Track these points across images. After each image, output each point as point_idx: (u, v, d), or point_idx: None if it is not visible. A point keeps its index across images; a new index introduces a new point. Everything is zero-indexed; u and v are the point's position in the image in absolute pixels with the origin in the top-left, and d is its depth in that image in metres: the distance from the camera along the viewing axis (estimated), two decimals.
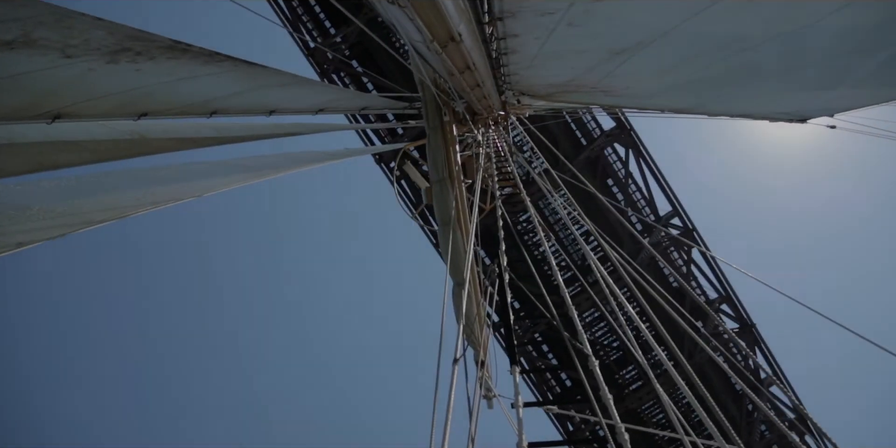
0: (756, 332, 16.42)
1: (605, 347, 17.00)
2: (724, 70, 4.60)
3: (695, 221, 16.43)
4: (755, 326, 16.44)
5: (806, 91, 5.05)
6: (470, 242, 9.44)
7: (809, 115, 5.64)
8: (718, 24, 3.73)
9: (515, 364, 6.72)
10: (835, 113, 5.63)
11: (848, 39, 3.81)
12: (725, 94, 5.38)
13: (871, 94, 4.98)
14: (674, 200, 16.05)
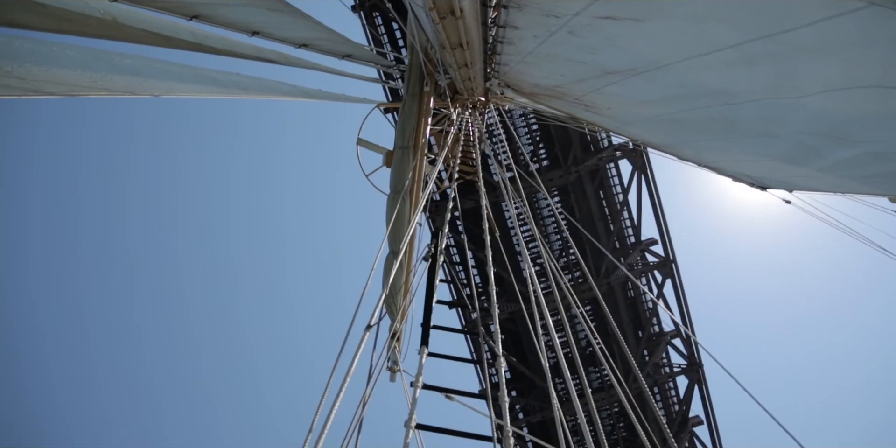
0: (700, 373, 16.49)
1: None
2: (704, 118, 4.58)
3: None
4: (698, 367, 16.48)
5: (773, 161, 5.08)
6: (416, 214, 9.38)
7: (770, 184, 5.69)
8: (711, 73, 3.69)
9: (425, 345, 6.70)
10: (794, 189, 5.70)
11: (826, 124, 3.81)
12: (699, 141, 5.38)
13: (835, 182, 5.04)
14: (664, 230, 15.93)
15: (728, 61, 3.41)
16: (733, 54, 3.31)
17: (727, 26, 3.07)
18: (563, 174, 15.11)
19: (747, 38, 3.06)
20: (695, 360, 16.48)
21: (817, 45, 2.84)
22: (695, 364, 16.45)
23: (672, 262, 16.13)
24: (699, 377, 16.50)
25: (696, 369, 16.51)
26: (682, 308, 16.29)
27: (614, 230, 16.16)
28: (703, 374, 16.47)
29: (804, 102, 3.53)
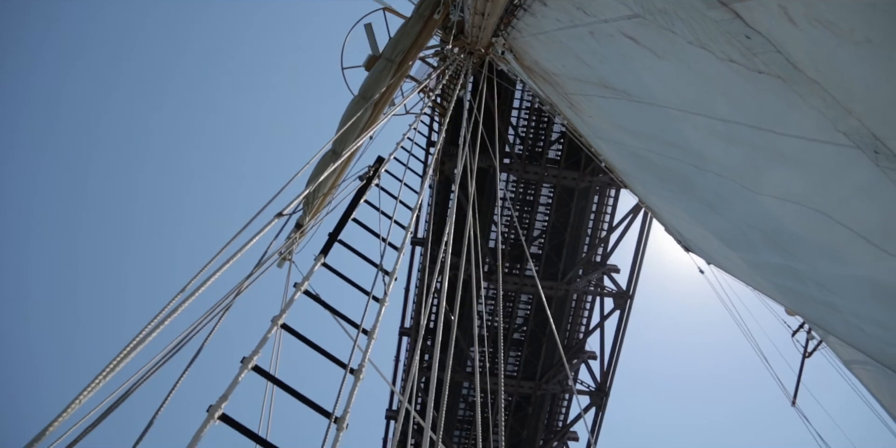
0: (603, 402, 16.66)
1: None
2: (666, 167, 4.51)
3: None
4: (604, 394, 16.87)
5: (707, 232, 5.09)
6: (371, 128, 9.12)
7: (694, 250, 5.74)
8: (693, 132, 3.59)
9: (323, 254, 6.62)
10: (712, 263, 5.76)
11: (770, 226, 3.80)
12: (652, 184, 5.33)
13: (752, 276, 5.11)
14: (637, 265, 15.63)
15: (713, 130, 3.31)
16: (721, 127, 3.21)
17: (729, 100, 2.95)
18: (559, 177, 14.77)
19: (740, 120, 2.96)
20: (604, 388, 16.61)
21: (794, 156, 2.77)
22: (602, 391, 16.53)
23: (630, 297, 16.13)
24: (601, 403, 16.56)
25: (600, 396, 16.53)
26: (616, 340, 16.32)
27: (588, 245, 15.99)
28: (604, 404, 16.56)
29: (759, 198, 3.49)
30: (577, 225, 15.87)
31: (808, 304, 4.58)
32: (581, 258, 15.94)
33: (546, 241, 15.87)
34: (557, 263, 15.97)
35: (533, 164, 14.77)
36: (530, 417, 17.05)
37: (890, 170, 2.24)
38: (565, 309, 16.43)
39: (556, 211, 15.50)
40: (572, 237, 15.87)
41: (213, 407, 3.76)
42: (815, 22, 2.05)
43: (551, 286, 15.67)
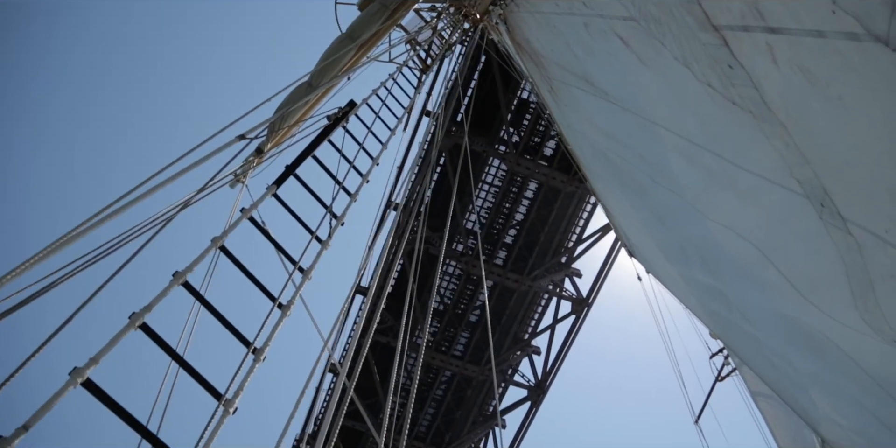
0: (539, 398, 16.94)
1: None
2: (626, 172, 4.52)
3: None
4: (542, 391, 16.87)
5: (652, 242, 5.15)
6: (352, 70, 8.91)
7: (637, 256, 5.80)
8: (656, 144, 3.58)
9: (276, 185, 6.51)
10: (651, 273, 5.84)
11: (709, 249, 3.84)
12: (610, 184, 5.34)
13: (685, 293, 5.19)
14: (603, 275, 15.53)
15: (677, 147, 3.30)
16: (685, 146, 3.20)
17: (698, 122, 2.93)
18: (549, 176, 14.54)
19: (704, 144, 2.95)
20: (543, 385, 16.67)
21: (746, 191, 2.78)
22: (541, 388, 16.59)
23: (588, 305, 16.13)
24: (537, 399, 16.68)
25: (538, 392, 16.60)
26: (565, 344, 16.34)
27: (556, 246, 15.90)
28: (540, 400, 16.68)
29: (705, 221, 3.52)
30: (554, 226, 15.86)
31: (731, 331, 4.69)
32: (550, 259, 15.93)
33: (521, 235, 15.85)
34: (528, 259, 15.98)
35: (525, 157, 14.64)
36: (467, 400, 17.21)
37: (831, 225, 2.26)
38: (524, 303, 16.52)
39: (537, 208, 15.45)
40: (547, 237, 15.88)
41: (136, 315, 3.70)
42: (795, 67, 2.03)
43: (516, 279, 15.72)
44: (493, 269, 15.54)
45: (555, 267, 15.90)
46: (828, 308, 2.71)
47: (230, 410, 3.91)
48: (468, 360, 16.52)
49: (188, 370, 4.02)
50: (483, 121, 15.03)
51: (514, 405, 17.01)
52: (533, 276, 15.83)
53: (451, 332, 16.67)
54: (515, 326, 16.70)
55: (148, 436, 3.42)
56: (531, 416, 16.68)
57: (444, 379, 16.95)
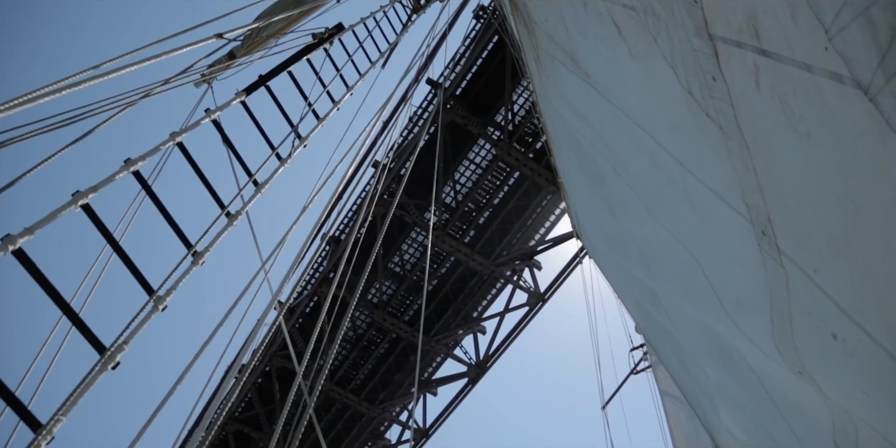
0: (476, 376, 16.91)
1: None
2: (587, 155, 4.51)
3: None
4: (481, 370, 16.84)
5: (600, 228, 5.19)
6: None
7: (583, 238, 5.86)
8: (623, 136, 3.56)
9: (245, 92, 6.35)
10: (592, 258, 5.91)
11: (646, 244, 3.89)
12: (570, 163, 5.34)
13: (618, 282, 5.27)
14: (565, 273, 15.51)
15: (644, 145, 3.29)
16: (652, 146, 3.19)
17: (669, 126, 2.92)
18: (536, 171, 14.33)
19: (670, 149, 2.94)
20: (484, 363, 16.73)
21: (698, 204, 2.79)
22: (482, 364, 16.66)
23: (543, 301, 16.01)
24: (474, 378, 16.75)
25: (478, 371, 16.69)
26: (513, 332, 16.34)
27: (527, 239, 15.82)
28: (478, 379, 16.75)
29: (652, 223, 3.55)
30: (529, 221, 15.83)
31: (655, 329, 4.81)
32: (517, 249, 15.93)
33: (495, 221, 15.78)
34: (496, 245, 15.96)
35: (514, 147, 14.45)
36: (409, 364, 17.36)
37: (767, 254, 2.29)
38: (482, 286, 16.59)
39: (518, 199, 15.35)
40: (519, 228, 15.86)
41: (79, 194, 3.58)
42: (775, 94, 2.01)
43: (481, 262, 15.67)
44: (461, 247, 15.48)
45: (518, 255, 15.93)
46: (747, 328, 2.78)
47: (160, 307, 3.85)
48: (417, 327, 16.55)
49: (123, 258, 3.93)
50: (483, 102, 14.85)
51: (451, 378, 17.23)
52: (497, 262, 15.81)
53: (405, 297, 16.78)
54: (468, 306, 16.80)
55: (70, 314, 3.35)
56: (466, 391, 16.88)
57: (389, 339, 17.08)
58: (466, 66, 14.35)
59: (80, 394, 3.03)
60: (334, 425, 17.84)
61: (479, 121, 14.46)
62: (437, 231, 14.97)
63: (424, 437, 17.24)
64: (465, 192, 15.65)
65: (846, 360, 2.03)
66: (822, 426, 2.60)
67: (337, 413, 17.66)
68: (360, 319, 17.01)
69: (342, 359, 17.17)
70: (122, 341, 3.36)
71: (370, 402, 17.42)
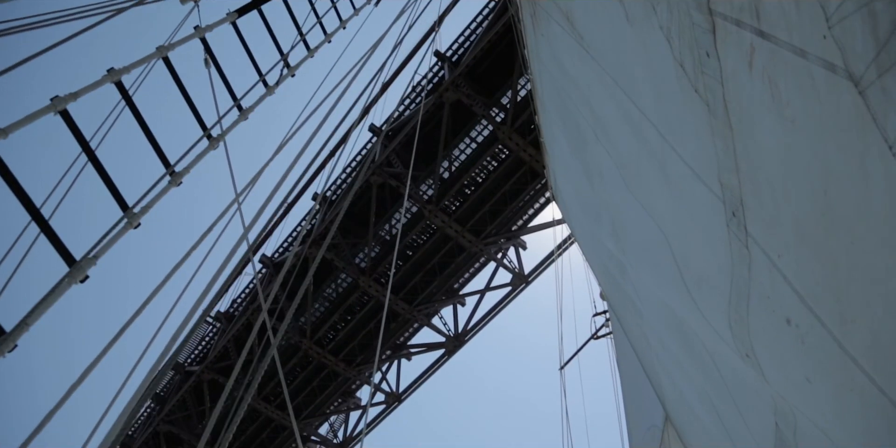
0: (452, 348, 17.06)
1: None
2: (572, 119, 4.48)
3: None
4: (458, 342, 16.99)
5: (576, 193, 5.20)
6: None
7: (558, 201, 5.87)
8: (610, 103, 3.54)
9: (238, 13, 6.16)
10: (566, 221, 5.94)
11: (622, 214, 3.91)
12: (557, 123, 5.31)
13: (591, 248, 5.31)
14: (550, 259, 15.48)
15: (628, 115, 3.28)
16: (636, 116, 3.17)
17: (656, 97, 2.90)
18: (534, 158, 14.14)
19: (654, 120, 2.93)
20: (462, 336, 16.92)
21: (674, 179, 2.80)
22: (460, 337, 16.88)
23: (526, 283, 16.07)
24: (451, 350, 17.01)
25: (455, 343, 16.93)
26: (492, 311, 16.62)
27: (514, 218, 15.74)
28: (452, 351, 17.03)
29: (626, 194, 3.56)
30: (521, 203, 15.71)
31: (619, 298, 4.88)
32: (505, 229, 15.95)
33: (491, 202, 15.66)
34: (487, 225, 15.93)
35: (517, 134, 14.18)
36: (390, 331, 17.37)
37: (734, 235, 2.31)
38: (468, 263, 16.64)
39: (514, 183, 15.20)
40: (512, 212, 15.78)
41: (58, 99, 3.48)
42: (766, 77, 2.00)
43: (471, 240, 15.69)
44: (452, 224, 15.46)
45: (505, 234, 15.99)
46: (704, 306, 2.83)
47: (133, 223, 3.80)
48: (402, 298, 16.69)
49: (97, 167, 3.86)
50: (488, 81, 14.57)
51: (429, 346, 17.46)
52: (486, 242, 15.87)
53: (390, 265, 16.76)
54: (452, 280, 16.85)
55: (40, 221, 3.30)
56: (442, 362, 17.16)
57: (372, 304, 17.13)
58: (476, 43, 14.04)
59: (48, 304, 3.01)
60: (310, 382, 18.10)
61: (483, 101, 14.29)
62: (430, 206, 14.94)
63: (397, 401, 17.64)
64: (461, 167, 15.50)
65: (796, 346, 2.08)
66: (765, 408, 2.69)
67: (314, 371, 17.86)
68: (345, 280, 17.05)
69: (322, 319, 17.33)
70: (93, 255, 3.32)
71: (347, 363, 17.66)
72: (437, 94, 13.97)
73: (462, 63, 13.94)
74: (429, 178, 15.27)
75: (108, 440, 2.70)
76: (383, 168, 14.72)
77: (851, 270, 1.75)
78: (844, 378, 1.87)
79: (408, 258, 16.38)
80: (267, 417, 17.97)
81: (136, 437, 19.56)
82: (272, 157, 4.96)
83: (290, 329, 16.71)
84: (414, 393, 17.75)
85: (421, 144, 13.98)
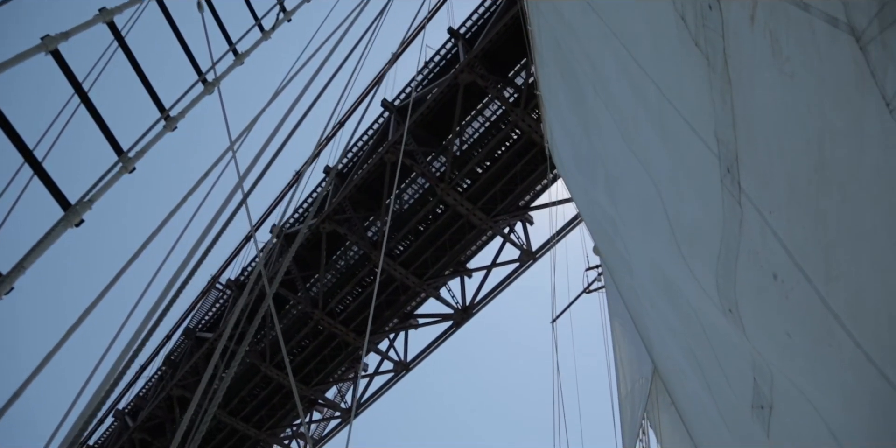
0: (460, 320, 17.26)
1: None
2: (574, 72, 4.44)
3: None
4: (467, 314, 17.13)
5: (571, 145, 5.18)
6: None
7: (554, 154, 5.85)
8: (612, 59, 3.49)
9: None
10: (560, 174, 5.92)
11: (615, 175, 3.90)
12: (556, 77, 5.25)
13: (584, 202, 5.31)
14: (556, 237, 15.36)
15: (626, 69, 3.24)
16: (634, 69, 3.14)
17: (655, 50, 2.86)
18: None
19: (652, 73, 2.90)
20: (470, 308, 17.12)
21: (670, 132, 2.79)
22: (468, 309, 17.10)
23: (533, 259, 16.05)
24: (459, 321, 17.27)
25: (460, 314, 17.15)
26: (497, 287, 16.74)
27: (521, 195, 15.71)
28: (460, 323, 17.31)
29: (623, 147, 3.55)
30: (532, 184, 15.62)
31: (611, 253, 4.91)
32: (513, 206, 16.00)
33: (502, 182, 15.62)
34: (498, 204, 15.95)
35: (529, 115, 13.95)
36: (399, 303, 17.67)
37: (727, 191, 2.32)
38: (478, 240, 16.72)
39: (526, 163, 15.07)
40: (523, 191, 15.75)
41: (49, 38, 3.42)
42: (767, 32, 1.97)
43: (480, 218, 15.77)
44: (464, 202, 15.51)
45: (513, 209, 16.00)
46: (693, 262, 2.86)
47: (128, 168, 3.78)
48: (412, 271, 16.87)
49: (91, 111, 3.82)
50: (502, 59, 14.31)
51: (436, 318, 17.72)
52: (496, 219, 15.96)
53: (400, 237, 16.82)
54: (461, 255, 16.99)
55: (34, 163, 3.28)
56: (450, 332, 17.53)
57: (383, 279, 17.28)
58: (490, 28, 13.76)
59: (44, 247, 3.02)
60: (320, 351, 18.47)
61: (496, 80, 14.13)
62: (442, 184, 15.06)
63: (405, 369, 18.18)
64: (473, 144, 15.47)
65: (780, 301, 2.11)
66: (745, 364, 2.74)
67: (325, 340, 18.20)
68: (356, 253, 17.21)
69: (333, 290, 17.58)
70: (88, 199, 3.32)
71: (358, 334, 17.98)
72: (452, 74, 13.93)
73: (476, 47, 13.80)
74: (441, 155, 15.35)
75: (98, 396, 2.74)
76: (397, 146, 14.75)
77: (841, 227, 1.76)
78: (824, 333, 1.91)
79: (419, 234, 16.58)
80: (279, 384, 18.42)
81: (149, 400, 20.04)
82: (268, 103, 4.91)
83: (301, 299, 17.10)
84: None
85: (433, 120, 14.41)
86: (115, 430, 21.39)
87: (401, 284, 17.01)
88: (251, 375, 18.44)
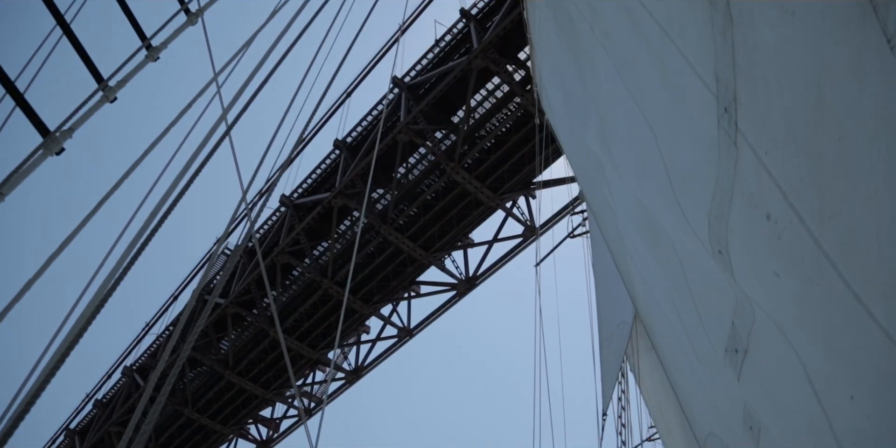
0: (463, 290, 17.57)
1: None
2: (571, 16, 4.35)
3: None
4: (470, 284, 17.50)
5: (562, 90, 5.13)
6: None
7: (542, 94, 5.78)
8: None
9: None
10: (547, 116, 5.89)
11: (609, 118, 3.87)
12: (550, 20, 5.15)
13: (573, 148, 5.28)
14: (560, 214, 15.62)
15: (628, 6, 3.18)
16: (636, 7, 3.08)
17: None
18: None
19: (653, 10, 2.85)
20: (473, 280, 17.60)
21: (668, 69, 2.76)
22: (471, 280, 17.60)
23: (537, 235, 16.03)
24: (462, 292, 17.78)
25: (464, 285, 17.69)
26: (501, 260, 17.17)
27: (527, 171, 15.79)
28: (463, 293, 17.81)
29: (619, 87, 3.52)
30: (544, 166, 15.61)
31: (597, 197, 4.92)
32: (521, 185, 16.13)
33: (511, 161, 15.74)
34: (505, 183, 16.16)
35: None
36: (406, 274, 18.08)
37: (724, 131, 2.31)
38: (483, 214, 17.02)
39: (532, 147, 14.95)
40: (530, 171, 15.78)
41: None
42: None
43: (488, 196, 16.07)
44: (472, 180, 15.78)
45: (518, 185, 16.19)
46: (686, 203, 2.87)
47: (109, 97, 3.72)
48: (418, 243, 17.27)
49: (71, 39, 3.74)
50: (515, 43, 14.15)
51: (440, 287, 18.25)
52: (503, 197, 16.29)
53: (405, 209, 16.89)
54: (467, 229, 17.38)
55: (13, 92, 3.23)
56: (453, 302, 18.22)
57: (391, 251, 17.48)
58: (504, 16, 13.61)
59: (23, 175, 2.98)
60: (327, 318, 18.94)
61: (506, 62, 14.17)
62: (452, 163, 15.34)
63: (409, 335, 19.00)
64: (480, 120, 15.59)
65: (771, 242, 2.13)
66: (725, 308, 2.79)
67: (333, 308, 18.70)
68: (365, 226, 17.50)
69: (343, 262, 17.80)
70: (68, 127, 3.27)
71: (365, 302, 18.63)
72: (466, 59, 14.08)
73: (489, 35, 13.80)
74: (451, 134, 15.54)
75: (77, 326, 2.74)
76: (409, 127, 15.05)
77: (836, 166, 1.76)
78: (813, 272, 1.93)
79: (428, 208, 16.95)
80: (287, 347, 18.90)
81: (158, 360, 20.23)
82: (253, 35, 4.78)
83: (310, 267, 17.65)
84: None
85: (442, 98, 14.69)
86: (124, 386, 21.86)
87: (408, 256, 17.55)
88: (259, 339, 19.20)
